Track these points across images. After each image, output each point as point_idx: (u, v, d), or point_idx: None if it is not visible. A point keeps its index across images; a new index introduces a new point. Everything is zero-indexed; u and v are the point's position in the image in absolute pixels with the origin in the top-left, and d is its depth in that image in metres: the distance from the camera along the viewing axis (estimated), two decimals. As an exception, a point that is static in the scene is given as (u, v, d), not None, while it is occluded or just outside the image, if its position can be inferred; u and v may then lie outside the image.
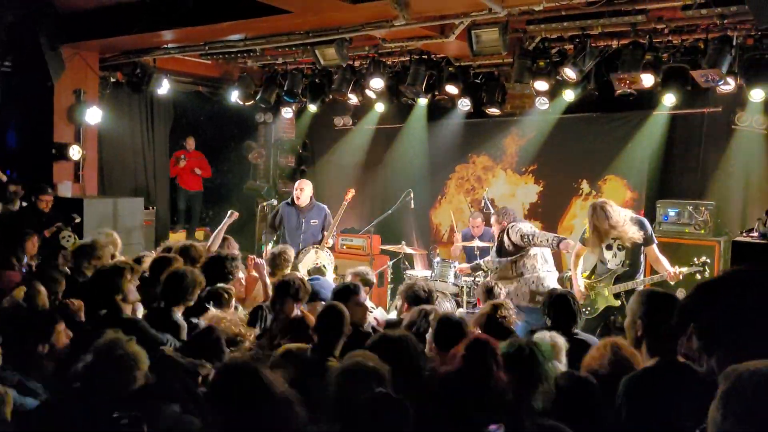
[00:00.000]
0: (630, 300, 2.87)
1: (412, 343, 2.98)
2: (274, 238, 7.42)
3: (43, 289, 4.00)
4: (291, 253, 5.81)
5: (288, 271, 5.50)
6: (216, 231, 5.38)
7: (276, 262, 5.58)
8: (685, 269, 5.36)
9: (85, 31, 7.35)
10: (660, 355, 2.65)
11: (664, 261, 5.46)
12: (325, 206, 7.58)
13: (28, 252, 5.58)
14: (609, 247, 5.56)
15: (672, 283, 5.48)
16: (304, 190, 7.38)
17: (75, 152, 7.83)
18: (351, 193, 7.55)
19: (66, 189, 7.80)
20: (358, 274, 5.26)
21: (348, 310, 3.55)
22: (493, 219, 6.48)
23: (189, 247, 5.22)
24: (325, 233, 7.31)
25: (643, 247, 5.50)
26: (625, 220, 5.39)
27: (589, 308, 5.67)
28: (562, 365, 3.21)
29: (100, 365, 2.61)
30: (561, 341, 3.34)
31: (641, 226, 5.46)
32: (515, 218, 6.27)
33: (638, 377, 2.64)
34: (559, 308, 3.98)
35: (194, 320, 3.96)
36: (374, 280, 5.43)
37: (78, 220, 6.91)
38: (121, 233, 7.30)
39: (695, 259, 5.45)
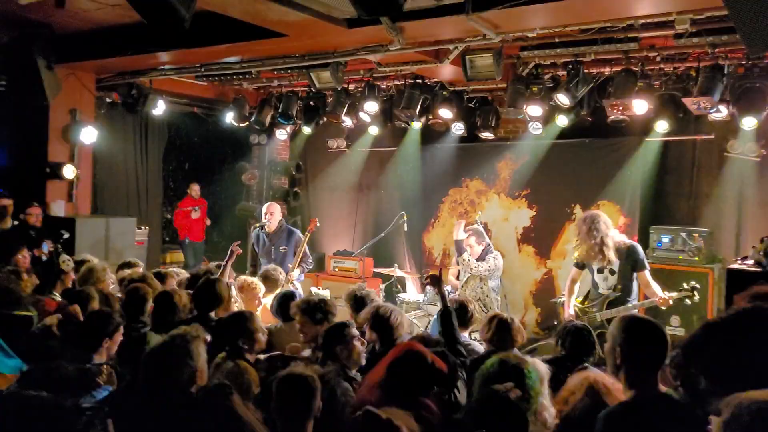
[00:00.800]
0: (611, 325, 2.77)
1: None
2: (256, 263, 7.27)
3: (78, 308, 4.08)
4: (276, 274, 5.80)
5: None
6: (222, 267, 5.24)
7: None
8: (675, 294, 5.35)
9: (82, 52, 7.37)
10: (639, 385, 2.56)
11: (656, 287, 5.45)
12: (298, 230, 7.17)
13: (22, 266, 5.56)
14: (600, 271, 5.55)
15: (663, 308, 5.47)
16: (273, 215, 7.01)
17: (69, 171, 7.80)
18: (314, 223, 7.01)
19: (59, 208, 7.76)
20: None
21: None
22: (473, 239, 6.74)
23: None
24: (290, 264, 6.71)
25: (634, 273, 5.50)
26: (611, 240, 5.41)
27: None
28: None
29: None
30: (543, 368, 3.27)
31: (632, 251, 5.46)
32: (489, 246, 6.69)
33: (616, 413, 2.54)
34: (574, 340, 3.82)
35: None
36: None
37: (66, 236, 6.86)
38: (114, 253, 7.32)
39: (684, 284, 5.45)
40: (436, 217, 9.43)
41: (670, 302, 5.35)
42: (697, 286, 5.43)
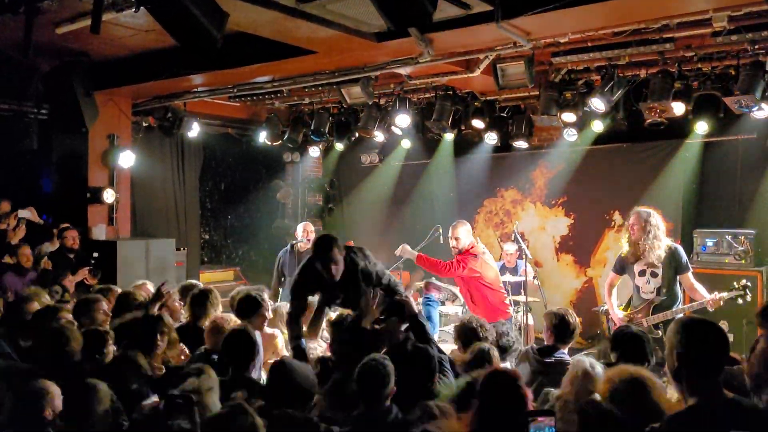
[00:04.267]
0: (668, 329, 2.65)
1: None
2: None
3: None
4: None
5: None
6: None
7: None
8: (725, 294, 5.21)
9: (118, 78, 7.55)
10: (701, 390, 2.44)
11: (701, 289, 5.31)
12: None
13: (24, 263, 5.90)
14: (642, 273, 5.43)
15: (711, 310, 5.30)
16: (311, 233, 7.04)
17: (109, 195, 7.97)
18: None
19: (100, 232, 7.92)
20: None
21: None
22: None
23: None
24: None
25: (677, 276, 5.36)
26: (659, 238, 5.32)
27: None
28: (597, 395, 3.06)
29: None
30: (599, 370, 3.18)
31: (675, 253, 5.35)
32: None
33: (682, 417, 2.42)
34: (628, 347, 3.65)
35: None
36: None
37: (96, 256, 7.02)
38: (154, 274, 7.41)
39: (735, 284, 5.28)
40: (472, 228, 9.32)
41: (721, 303, 5.20)
42: (749, 284, 5.27)
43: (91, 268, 6.60)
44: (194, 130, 8.74)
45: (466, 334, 4.19)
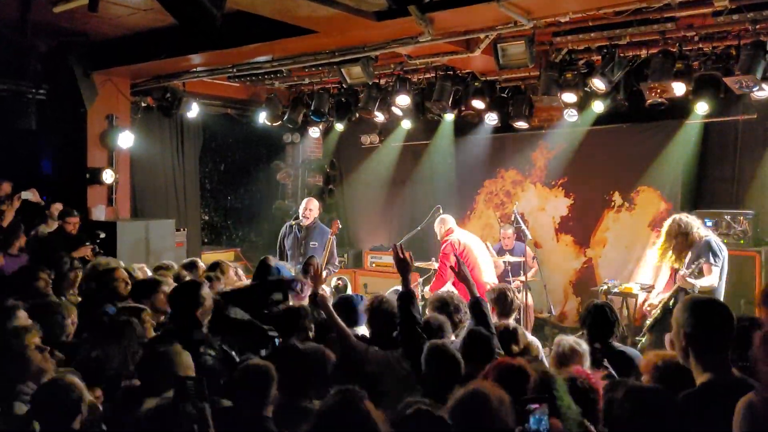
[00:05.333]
0: (674, 309, 2.66)
1: None
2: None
3: None
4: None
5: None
6: None
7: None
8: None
9: (116, 58, 7.51)
10: (712, 366, 2.45)
11: (706, 280, 5.29)
12: (329, 229, 7.15)
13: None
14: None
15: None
16: (312, 210, 7.14)
17: (108, 176, 7.96)
18: (337, 225, 7.07)
19: (100, 213, 7.93)
20: None
21: None
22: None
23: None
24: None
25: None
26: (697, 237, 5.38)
27: None
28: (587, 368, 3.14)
29: None
30: (584, 347, 3.34)
31: (704, 246, 5.38)
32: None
33: (696, 395, 2.43)
34: (595, 319, 3.89)
35: None
36: None
37: (103, 236, 7.00)
38: (154, 255, 7.44)
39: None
40: (472, 209, 9.35)
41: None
42: None
43: (94, 247, 6.60)
44: (194, 111, 8.71)
45: (438, 305, 4.51)
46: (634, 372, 3.23)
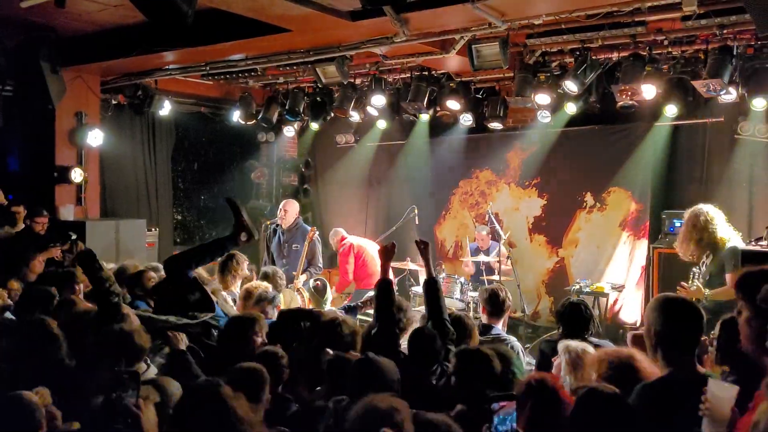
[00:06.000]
0: (646, 307, 2.73)
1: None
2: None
3: None
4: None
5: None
6: None
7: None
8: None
9: (86, 54, 7.37)
10: (675, 363, 2.52)
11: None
12: (315, 231, 7.15)
13: (35, 271, 5.59)
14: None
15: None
16: (287, 212, 7.08)
17: (77, 175, 7.81)
18: (314, 232, 7.07)
19: (68, 212, 7.78)
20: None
21: None
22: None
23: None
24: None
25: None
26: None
27: None
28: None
29: None
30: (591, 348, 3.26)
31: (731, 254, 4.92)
32: None
33: (653, 387, 2.50)
34: (570, 316, 3.95)
35: None
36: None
37: (74, 237, 6.86)
38: (125, 255, 7.32)
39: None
40: (447, 209, 9.39)
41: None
42: None
43: (64, 248, 6.46)
44: (166, 109, 8.60)
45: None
46: None
